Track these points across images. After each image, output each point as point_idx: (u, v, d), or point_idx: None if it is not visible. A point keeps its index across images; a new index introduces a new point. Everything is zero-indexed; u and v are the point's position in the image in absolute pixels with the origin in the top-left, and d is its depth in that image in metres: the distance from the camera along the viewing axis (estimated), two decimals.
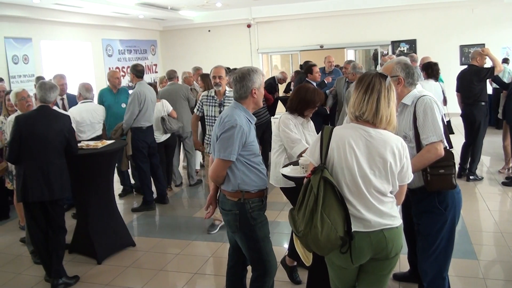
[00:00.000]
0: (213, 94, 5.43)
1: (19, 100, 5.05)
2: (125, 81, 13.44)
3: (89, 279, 4.70)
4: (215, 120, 4.72)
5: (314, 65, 7.90)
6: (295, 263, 4.33)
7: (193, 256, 5.10)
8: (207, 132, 5.51)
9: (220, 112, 5.06)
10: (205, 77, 8.08)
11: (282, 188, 4.12)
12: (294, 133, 3.90)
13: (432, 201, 3.18)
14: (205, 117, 5.51)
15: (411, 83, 3.25)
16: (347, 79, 7.48)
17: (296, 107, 4.00)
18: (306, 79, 7.61)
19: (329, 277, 2.88)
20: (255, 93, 3.22)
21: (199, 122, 8.10)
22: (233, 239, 3.48)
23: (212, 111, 5.42)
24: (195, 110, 5.76)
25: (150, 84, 6.93)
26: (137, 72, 6.65)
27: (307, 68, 7.79)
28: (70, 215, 6.36)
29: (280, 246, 5.15)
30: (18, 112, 5.10)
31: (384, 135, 2.54)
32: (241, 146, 3.13)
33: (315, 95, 4.01)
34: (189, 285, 4.48)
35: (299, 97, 4.00)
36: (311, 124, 4.21)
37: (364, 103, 2.54)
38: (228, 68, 10.03)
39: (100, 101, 7.06)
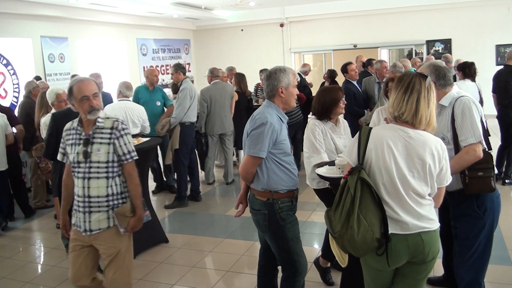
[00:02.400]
0: (76, 124, 3.33)
1: (58, 102, 5.15)
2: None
3: None
4: (80, 167, 3.20)
5: (350, 63, 7.81)
6: (329, 264, 4.31)
7: (226, 254, 5.14)
8: (76, 194, 3.28)
9: (85, 153, 3.16)
10: (238, 77, 8.09)
11: (315, 190, 4.10)
12: (318, 142, 3.83)
13: (470, 205, 3.13)
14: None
15: (443, 85, 3.20)
16: (377, 80, 7.41)
17: (321, 112, 3.92)
18: (347, 78, 7.55)
19: (363, 279, 2.85)
20: (282, 92, 3.21)
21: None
22: (263, 239, 3.50)
23: (74, 151, 3.23)
24: (59, 157, 3.47)
25: None
26: (183, 69, 7.00)
27: (342, 67, 7.68)
28: None
29: (311, 246, 5.14)
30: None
31: (423, 136, 2.51)
32: (272, 143, 3.12)
33: (334, 93, 3.91)
34: (222, 282, 4.52)
35: (320, 102, 3.92)
36: (344, 125, 4.12)
37: (403, 103, 2.51)
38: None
39: (136, 98, 7.23)
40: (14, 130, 6.64)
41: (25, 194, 6.97)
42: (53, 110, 5.23)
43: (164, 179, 7.84)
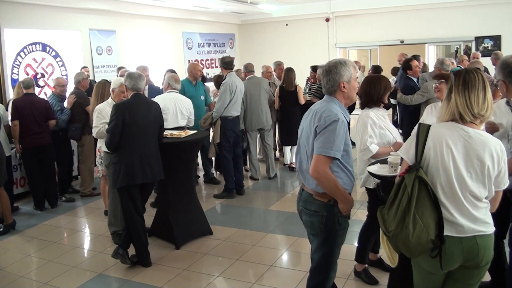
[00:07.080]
0: None
1: (120, 91, 5.25)
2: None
3: (167, 263, 4.88)
4: None
5: (413, 59, 7.38)
6: (366, 266, 4.27)
7: (269, 249, 5.15)
8: None
9: None
10: (288, 72, 8.06)
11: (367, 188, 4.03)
12: (369, 133, 3.73)
13: None
14: None
15: None
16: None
17: (375, 100, 3.86)
18: (406, 75, 7.28)
19: (413, 281, 2.78)
20: (344, 87, 2.99)
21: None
22: None
23: None
24: None
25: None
26: (225, 64, 7.03)
27: (405, 63, 7.34)
28: (149, 204, 6.50)
29: (351, 244, 5.06)
30: (108, 103, 5.34)
31: (483, 136, 2.43)
32: (343, 143, 2.92)
33: (385, 81, 3.91)
34: (266, 276, 4.52)
35: (376, 89, 3.85)
36: None
37: (483, 101, 2.44)
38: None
39: (182, 92, 7.25)
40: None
41: (53, 184, 7.09)
42: (110, 99, 5.34)
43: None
